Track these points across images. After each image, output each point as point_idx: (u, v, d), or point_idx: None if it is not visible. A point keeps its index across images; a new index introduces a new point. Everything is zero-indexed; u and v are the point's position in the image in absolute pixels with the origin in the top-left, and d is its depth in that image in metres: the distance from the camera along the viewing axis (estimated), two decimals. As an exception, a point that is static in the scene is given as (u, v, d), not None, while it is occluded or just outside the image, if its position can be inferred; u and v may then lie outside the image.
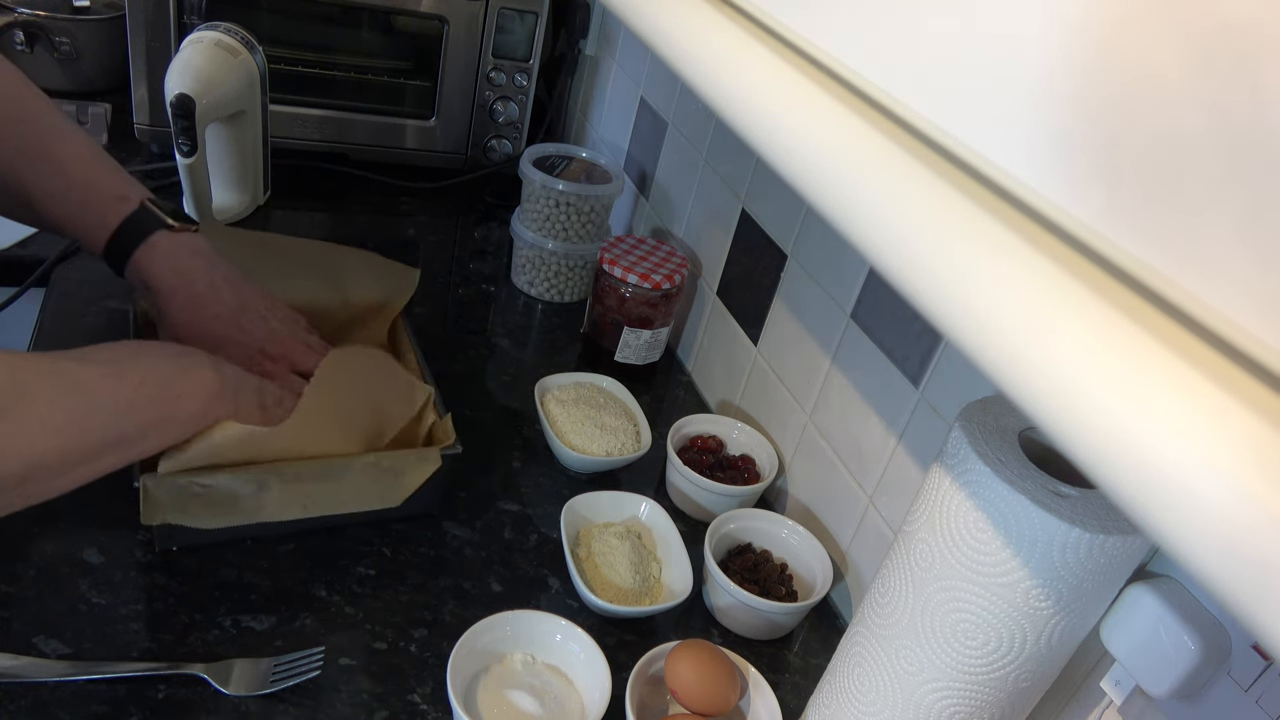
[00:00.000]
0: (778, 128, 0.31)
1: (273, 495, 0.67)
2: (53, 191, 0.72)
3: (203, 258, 0.75)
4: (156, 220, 0.73)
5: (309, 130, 1.21)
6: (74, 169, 0.72)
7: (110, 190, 0.73)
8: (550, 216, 1.07)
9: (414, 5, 1.16)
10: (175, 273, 0.73)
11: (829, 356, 0.82)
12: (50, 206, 0.73)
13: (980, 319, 0.23)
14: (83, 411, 0.53)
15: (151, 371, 0.60)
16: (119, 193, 0.73)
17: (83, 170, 0.73)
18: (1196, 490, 0.17)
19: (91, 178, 0.73)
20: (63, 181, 0.72)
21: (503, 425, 0.91)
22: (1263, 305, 0.17)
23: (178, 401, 0.60)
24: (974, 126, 0.25)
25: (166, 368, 0.61)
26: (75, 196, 0.72)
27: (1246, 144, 0.18)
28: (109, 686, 0.59)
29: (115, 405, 0.56)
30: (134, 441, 0.58)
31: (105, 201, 0.73)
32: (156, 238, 0.73)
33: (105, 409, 0.55)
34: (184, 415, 0.61)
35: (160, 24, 1.07)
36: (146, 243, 0.72)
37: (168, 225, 0.73)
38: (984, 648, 0.51)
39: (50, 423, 0.51)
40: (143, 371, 0.59)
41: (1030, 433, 0.52)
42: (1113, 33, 0.20)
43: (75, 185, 0.72)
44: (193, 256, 0.74)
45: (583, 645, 0.65)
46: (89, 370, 0.55)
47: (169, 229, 0.73)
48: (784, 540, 0.80)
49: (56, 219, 0.74)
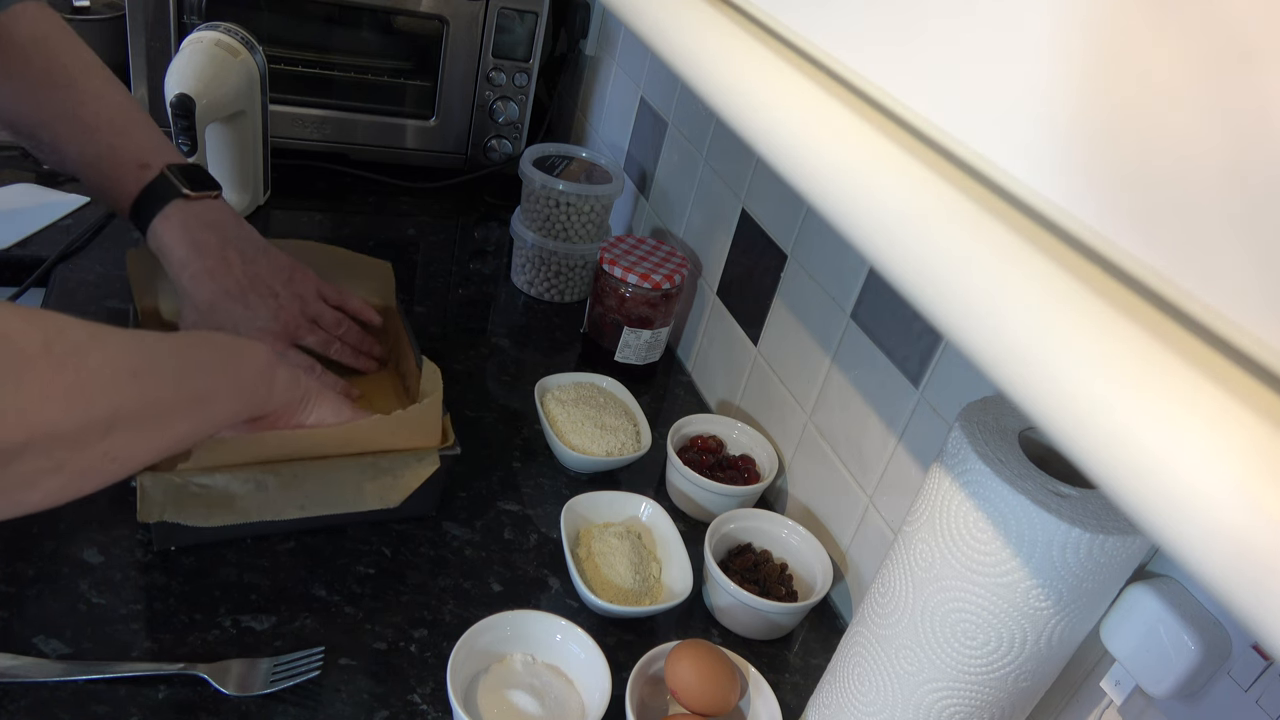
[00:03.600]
0: (777, 128, 0.31)
1: (270, 495, 0.67)
2: (88, 160, 0.73)
3: (216, 230, 0.75)
4: (174, 189, 0.74)
5: (309, 130, 1.21)
6: (104, 136, 0.73)
7: (135, 158, 0.74)
8: (550, 216, 1.07)
9: (414, 5, 1.16)
10: (188, 245, 0.74)
11: (829, 356, 0.82)
12: (87, 174, 0.74)
13: (981, 319, 0.23)
14: (152, 359, 0.52)
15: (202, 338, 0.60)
16: (142, 160, 0.74)
17: (112, 138, 0.74)
18: (1196, 490, 0.17)
19: (119, 146, 0.74)
20: (94, 150, 0.73)
21: (503, 425, 0.91)
22: (1263, 305, 0.17)
23: (240, 362, 0.60)
24: (974, 126, 0.25)
25: (216, 337, 0.61)
26: (105, 165, 0.73)
27: (1247, 144, 0.18)
28: (109, 686, 0.59)
29: (180, 360, 0.55)
30: (207, 401, 0.56)
31: (128, 169, 0.74)
32: (171, 208, 0.73)
33: (171, 361, 0.54)
34: (249, 377, 0.60)
35: (160, 24, 1.07)
36: (161, 213, 0.73)
37: (184, 194, 0.74)
38: (984, 648, 0.51)
39: (125, 366, 0.49)
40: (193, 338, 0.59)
41: (1030, 433, 0.52)
42: (1113, 33, 0.20)
43: (104, 153, 0.73)
44: (205, 229, 0.75)
45: (583, 645, 0.65)
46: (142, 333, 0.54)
47: (185, 198, 0.74)
48: (784, 540, 0.80)
49: (92, 186, 0.75)
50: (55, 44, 0.73)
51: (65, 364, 0.44)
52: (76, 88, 0.72)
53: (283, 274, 0.79)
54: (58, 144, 0.73)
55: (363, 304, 0.87)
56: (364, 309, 0.87)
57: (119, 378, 0.48)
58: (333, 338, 0.83)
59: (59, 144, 0.73)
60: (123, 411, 0.48)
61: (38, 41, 0.72)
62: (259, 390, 0.61)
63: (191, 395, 0.55)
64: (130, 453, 0.50)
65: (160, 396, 0.51)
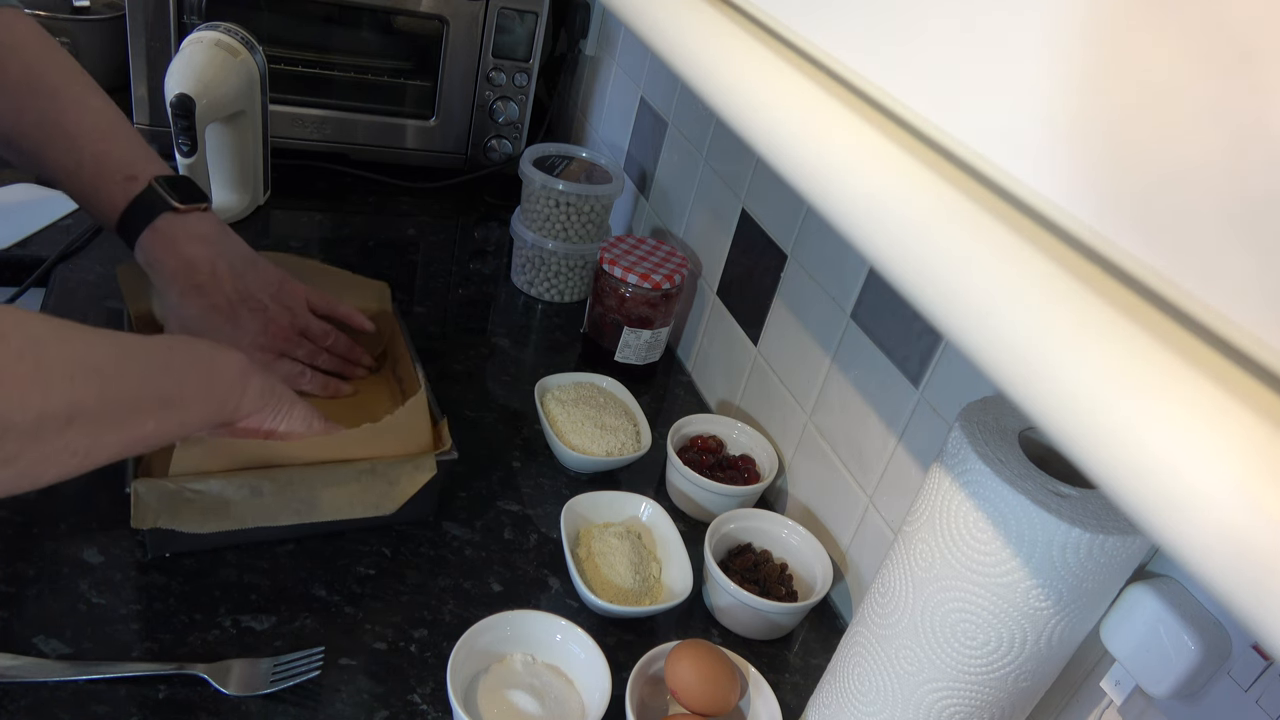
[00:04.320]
0: (777, 128, 0.31)
1: (265, 501, 0.66)
2: (69, 169, 0.72)
3: (206, 243, 0.74)
4: (162, 202, 0.72)
5: (309, 130, 1.21)
6: (87, 145, 0.72)
7: (120, 169, 0.73)
8: (550, 216, 1.07)
9: (414, 5, 1.16)
10: (177, 259, 0.73)
11: (829, 356, 0.82)
12: (68, 184, 0.73)
13: (981, 319, 0.23)
14: (120, 358, 0.51)
15: (181, 342, 0.60)
16: (128, 172, 0.73)
17: (95, 146, 0.72)
18: (1196, 490, 0.17)
19: (102, 155, 0.72)
20: (75, 160, 0.71)
21: (503, 425, 0.91)
22: (1263, 305, 0.17)
23: (213, 368, 0.60)
24: (974, 126, 0.25)
25: (196, 343, 0.61)
26: (87, 176, 0.72)
27: (1247, 144, 0.18)
28: (109, 686, 0.59)
29: (150, 360, 0.54)
30: (176, 404, 0.56)
31: (114, 182, 0.72)
32: (161, 221, 0.72)
33: (141, 360, 0.53)
34: (221, 383, 0.60)
35: (160, 24, 1.07)
36: (151, 227, 0.72)
37: (173, 207, 0.72)
38: (984, 648, 0.51)
39: (88, 362, 0.48)
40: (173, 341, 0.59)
41: (1030, 433, 0.52)
42: (1113, 33, 0.20)
43: (86, 164, 0.72)
44: (194, 242, 0.74)
45: (583, 645, 0.65)
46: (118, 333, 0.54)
47: (174, 210, 0.73)
48: (784, 540, 0.80)
49: (76, 196, 0.74)
50: (35, 51, 0.71)
51: (23, 356, 0.44)
52: (58, 96, 0.71)
53: (271, 286, 0.78)
54: (38, 153, 0.72)
55: (352, 310, 0.86)
56: (354, 315, 0.86)
57: (80, 373, 0.48)
58: (320, 349, 0.82)
59: (40, 153, 0.72)
60: (82, 407, 0.48)
61: (16, 49, 0.70)
62: (230, 398, 0.61)
63: (159, 397, 0.55)
64: (91, 448, 0.50)
65: (124, 396, 0.51)
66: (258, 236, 0.83)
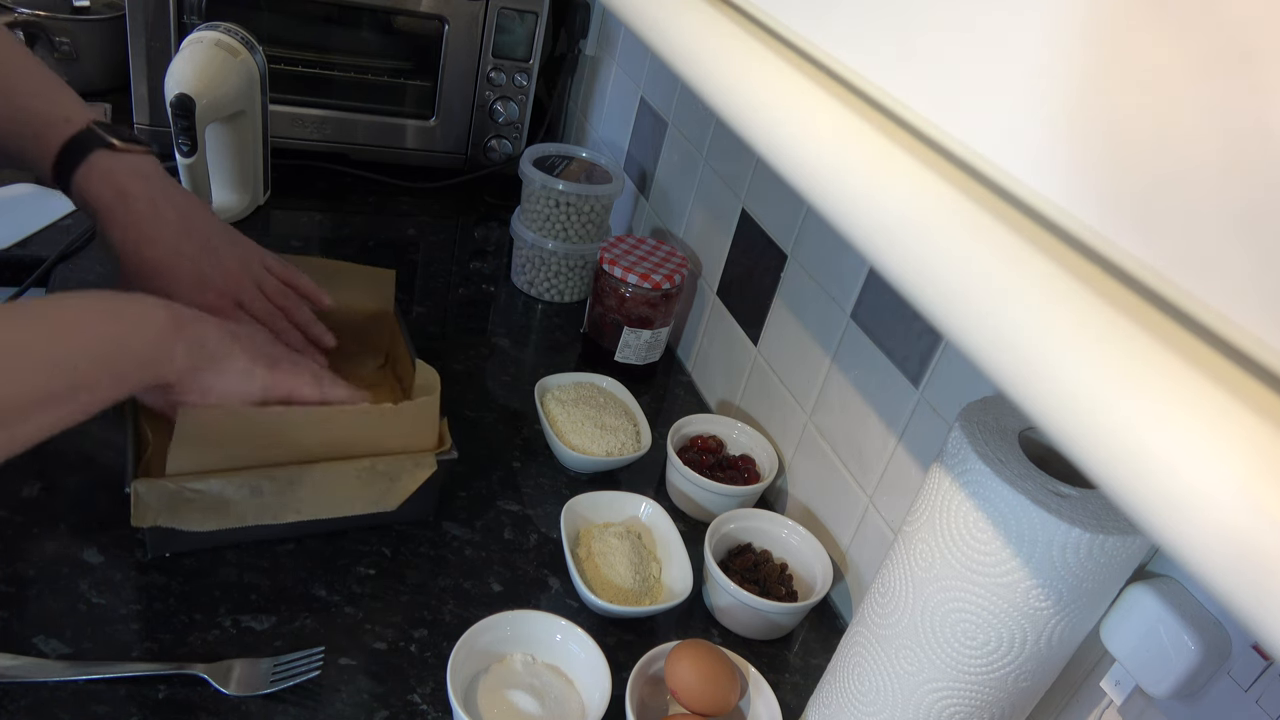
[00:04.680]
0: (777, 128, 0.31)
1: (266, 500, 0.66)
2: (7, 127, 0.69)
3: (146, 179, 0.70)
4: (99, 140, 0.69)
5: (309, 130, 1.21)
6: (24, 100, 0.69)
7: (58, 115, 0.69)
8: (550, 216, 1.07)
9: (414, 5, 1.16)
10: (113, 190, 0.69)
11: (829, 356, 0.82)
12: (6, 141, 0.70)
13: (981, 319, 0.23)
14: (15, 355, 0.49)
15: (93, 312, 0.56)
16: (65, 115, 0.69)
17: (30, 101, 0.69)
18: (1197, 490, 0.17)
19: (39, 106, 0.69)
20: (11, 113, 0.69)
21: (503, 425, 0.91)
22: (1263, 305, 0.17)
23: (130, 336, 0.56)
24: (974, 127, 0.25)
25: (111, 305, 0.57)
26: (29, 130, 0.69)
27: (1247, 143, 0.18)
28: (109, 686, 0.59)
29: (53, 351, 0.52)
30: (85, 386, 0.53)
31: (53, 126, 0.69)
32: (96, 156, 0.68)
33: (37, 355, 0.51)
34: (143, 344, 0.57)
35: (160, 24, 1.07)
36: (85, 162, 0.68)
37: (109, 144, 0.69)
38: (984, 648, 0.51)
39: None
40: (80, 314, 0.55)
41: (1030, 433, 0.52)
42: (1113, 33, 0.20)
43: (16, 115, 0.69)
44: (133, 176, 0.70)
45: (583, 645, 0.65)
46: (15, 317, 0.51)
47: (111, 148, 0.69)
48: (784, 540, 0.80)
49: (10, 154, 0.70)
50: None
51: None
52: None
53: (223, 233, 0.74)
54: None
55: (311, 285, 0.80)
56: (313, 290, 0.80)
57: None
58: (277, 310, 0.77)
59: None
60: None
61: None
62: (157, 357, 0.58)
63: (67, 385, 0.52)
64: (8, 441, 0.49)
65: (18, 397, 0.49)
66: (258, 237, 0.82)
